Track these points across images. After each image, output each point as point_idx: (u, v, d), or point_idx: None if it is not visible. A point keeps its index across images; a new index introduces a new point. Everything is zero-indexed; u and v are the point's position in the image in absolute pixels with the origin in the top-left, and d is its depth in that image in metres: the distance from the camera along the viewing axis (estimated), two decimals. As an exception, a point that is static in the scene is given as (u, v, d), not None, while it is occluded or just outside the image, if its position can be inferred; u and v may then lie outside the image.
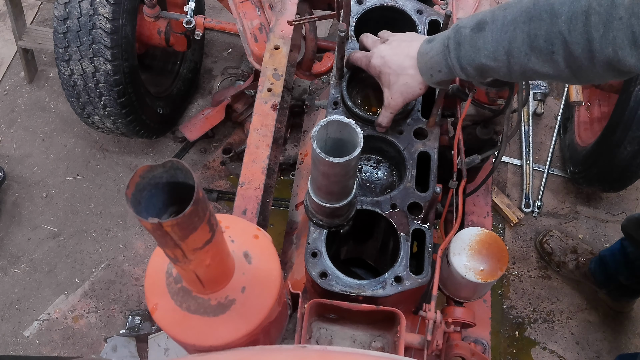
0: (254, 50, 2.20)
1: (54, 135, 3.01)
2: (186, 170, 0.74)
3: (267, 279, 1.03)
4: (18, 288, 2.62)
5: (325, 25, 3.27)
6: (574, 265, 2.55)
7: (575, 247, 2.59)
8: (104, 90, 2.34)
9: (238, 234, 1.06)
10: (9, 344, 2.49)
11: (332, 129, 1.09)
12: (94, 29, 2.24)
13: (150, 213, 0.76)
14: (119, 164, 2.92)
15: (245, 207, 1.50)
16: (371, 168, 1.48)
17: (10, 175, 2.87)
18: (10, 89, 3.16)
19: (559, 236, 2.62)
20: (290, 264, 1.57)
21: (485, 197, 1.65)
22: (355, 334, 1.28)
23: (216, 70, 3.19)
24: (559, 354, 2.47)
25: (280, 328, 1.22)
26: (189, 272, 0.89)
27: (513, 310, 2.56)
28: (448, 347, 1.25)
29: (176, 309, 0.98)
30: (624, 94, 2.23)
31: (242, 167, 1.57)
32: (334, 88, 1.48)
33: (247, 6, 2.28)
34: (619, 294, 2.46)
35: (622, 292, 2.44)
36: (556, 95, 3.10)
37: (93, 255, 2.69)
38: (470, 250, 1.27)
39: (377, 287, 1.25)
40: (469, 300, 1.40)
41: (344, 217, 1.29)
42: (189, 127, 2.82)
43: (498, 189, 2.80)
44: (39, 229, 2.75)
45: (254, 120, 1.65)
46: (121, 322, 2.51)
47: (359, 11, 1.62)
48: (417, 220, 1.32)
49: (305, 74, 2.37)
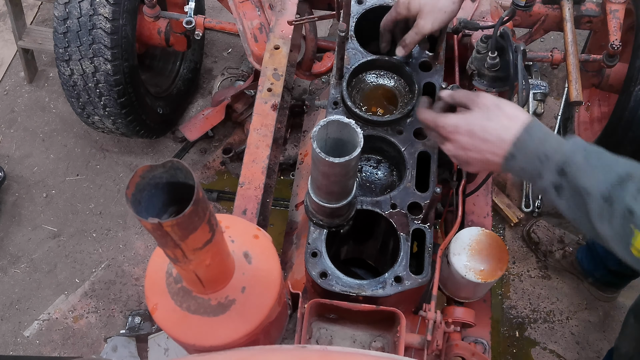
0: (254, 50, 2.20)
1: (54, 135, 3.01)
2: (186, 170, 0.74)
3: (267, 279, 1.03)
4: (18, 288, 2.62)
5: (325, 25, 3.27)
6: (561, 255, 2.57)
7: (562, 237, 2.60)
8: (104, 90, 2.34)
9: (238, 234, 1.06)
10: (9, 344, 2.49)
11: (332, 129, 1.09)
12: (94, 29, 2.24)
13: (150, 213, 0.76)
14: (119, 164, 2.92)
15: (245, 207, 1.50)
16: (371, 168, 1.49)
17: (10, 175, 2.87)
18: (10, 89, 3.15)
19: (546, 226, 2.64)
20: (290, 264, 1.57)
21: (485, 197, 1.65)
22: (355, 334, 1.28)
23: (216, 70, 3.19)
24: (559, 354, 2.47)
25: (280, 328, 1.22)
26: (189, 272, 0.89)
27: (513, 310, 2.56)
28: (448, 347, 1.25)
29: (176, 309, 0.99)
30: (624, 94, 2.23)
31: (242, 167, 1.57)
32: (334, 88, 1.48)
33: (247, 6, 2.28)
34: (605, 282, 2.47)
35: (608, 281, 2.45)
36: (556, 95, 3.10)
37: (93, 255, 2.69)
38: (470, 250, 1.28)
39: (377, 287, 1.25)
40: (469, 300, 1.40)
41: (344, 217, 1.29)
42: (189, 127, 2.82)
43: (498, 189, 2.80)
44: (39, 229, 2.75)
45: (254, 120, 1.65)
46: (121, 322, 2.51)
47: (359, 11, 1.62)
48: (417, 220, 1.32)
49: (305, 74, 2.37)
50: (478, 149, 1.13)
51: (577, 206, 1.02)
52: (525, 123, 1.09)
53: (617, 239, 0.99)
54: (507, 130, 1.10)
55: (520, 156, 1.08)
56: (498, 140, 1.10)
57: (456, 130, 1.16)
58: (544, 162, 1.05)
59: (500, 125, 1.11)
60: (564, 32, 2.20)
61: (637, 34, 2.19)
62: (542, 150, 1.05)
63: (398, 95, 1.52)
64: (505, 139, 1.09)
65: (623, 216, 0.97)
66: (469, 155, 1.15)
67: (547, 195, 1.07)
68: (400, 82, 1.53)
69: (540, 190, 1.08)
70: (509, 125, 1.10)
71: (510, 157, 1.09)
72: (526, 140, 1.08)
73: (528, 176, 1.09)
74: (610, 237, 1.00)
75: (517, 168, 1.10)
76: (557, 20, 2.30)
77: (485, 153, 1.12)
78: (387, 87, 1.53)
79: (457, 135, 1.15)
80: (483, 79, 1.41)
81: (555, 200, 1.05)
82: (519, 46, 1.33)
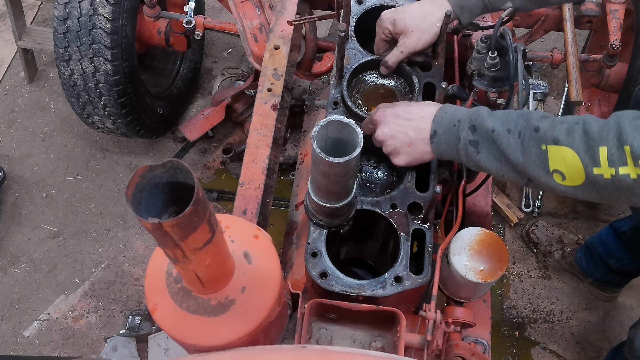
0: (254, 50, 2.20)
1: (54, 135, 3.01)
2: (186, 170, 0.74)
3: (267, 279, 1.03)
4: (18, 288, 2.61)
5: (325, 25, 3.27)
6: (560, 255, 2.58)
7: (561, 237, 2.61)
8: (104, 90, 2.34)
9: (238, 234, 1.06)
10: (9, 344, 2.49)
11: (332, 129, 1.09)
12: (94, 29, 2.24)
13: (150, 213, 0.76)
14: (119, 164, 2.92)
15: (245, 207, 1.50)
16: (371, 168, 1.49)
17: (10, 175, 2.87)
18: (10, 89, 3.15)
19: (545, 226, 2.65)
20: (290, 264, 1.57)
21: (485, 197, 1.65)
22: (355, 334, 1.28)
23: (216, 70, 3.19)
24: (559, 354, 2.47)
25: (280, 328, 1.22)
26: (189, 272, 0.89)
27: (513, 310, 2.56)
28: (448, 347, 1.25)
29: (176, 309, 0.99)
30: (624, 94, 2.23)
31: (242, 167, 1.57)
32: (334, 88, 1.48)
33: (247, 6, 2.28)
34: (605, 282, 2.47)
35: (608, 281, 2.45)
36: (556, 96, 3.10)
37: (93, 255, 2.69)
38: (470, 250, 1.27)
39: (377, 287, 1.25)
40: (469, 300, 1.40)
41: (344, 217, 1.29)
42: (189, 127, 2.82)
43: (498, 189, 2.80)
44: (39, 229, 2.75)
45: (254, 120, 1.65)
46: (121, 322, 2.51)
47: (359, 11, 1.62)
48: (417, 220, 1.32)
49: (305, 74, 2.37)
50: (403, 129, 1.26)
51: (492, 150, 1.14)
52: (439, 106, 1.27)
53: (533, 164, 1.08)
54: (425, 110, 1.26)
55: (440, 130, 1.22)
56: (419, 118, 1.25)
57: (383, 114, 1.30)
58: (457, 126, 1.19)
59: (419, 108, 1.28)
60: (564, 32, 2.20)
61: (637, 34, 2.19)
62: (455, 117, 1.21)
63: (398, 95, 1.52)
64: (424, 116, 1.25)
65: (531, 137, 1.08)
66: (396, 138, 1.27)
67: (470, 157, 1.18)
68: (400, 82, 1.53)
69: (464, 156, 1.19)
70: (425, 109, 1.27)
71: (434, 134, 1.23)
72: (442, 115, 1.24)
73: (452, 147, 1.21)
74: (529, 166, 1.08)
75: (442, 143, 1.22)
76: (557, 20, 2.30)
77: (409, 131, 1.26)
78: (387, 87, 1.53)
79: (385, 118, 1.29)
80: (483, 79, 1.42)
81: (475, 157, 1.16)
82: (519, 46, 1.33)
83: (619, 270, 2.35)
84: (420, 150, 1.26)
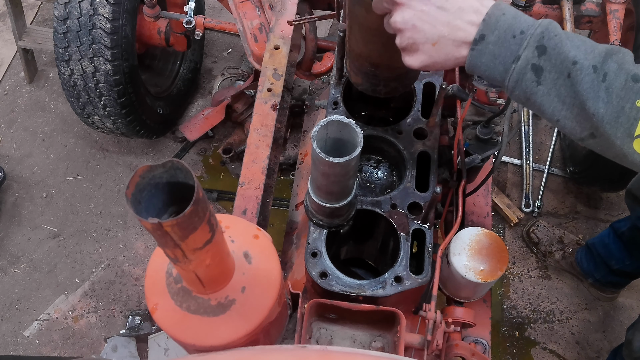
0: (254, 50, 2.20)
1: (54, 135, 3.01)
2: (186, 170, 0.74)
3: (267, 279, 1.03)
4: (18, 288, 2.62)
5: (325, 25, 3.27)
6: (560, 255, 2.58)
7: (561, 237, 2.61)
8: (104, 90, 2.34)
9: (238, 234, 1.06)
10: (9, 344, 2.49)
11: (332, 129, 1.09)
12: (94, 29, 2.24)
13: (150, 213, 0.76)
14: (119, 164, 2.92)
15: (245, 207, 1.50)
16: (371, 168, 1.48)
17: (10, 175, 2.87)
18: (10, 89, 3.16)
19: (546, 226, 2.65)
20: (290, 264, 1.57)
21: (485, 197, 1.65)
22: (355, 334, 1.28)
23: (216, 70, 3.19)
24: (559, 354, 2.47)
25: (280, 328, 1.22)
26: (189, 272, 0.89)
27: (513, 310, 2.56)
28: (448, 347, 1.25)
29: (176, 309, 0.98)
30: (624, 93, 2.23)
31: (242, 167, 1.57)
32: (334, 88, 1.48)
33: (247, 6, 2.28)
34: (605, 283, 2.48)
35: (609, 281, 2.46)
36: (556, 95, 3.10)
37: (93, 255, 2.69)
38: (470, 250, 1.27)
39: (377, 287, 1.25)
40: (469, 300, 1.40)
41: (344, 217, 1.29)
42: (189, 127, 2.83)
43: (498, 189, 2.80)
44: (39, 229, 2.75)
45: (254, 120, 1.65)
46: (121, 322, 2.51)
47: (359, 11, 1.61)
48: (417, 220, 1.32)
49: (305, 74, 2.37)
50: (432, 20, 0.90)
51: (561, 87, 0.85)
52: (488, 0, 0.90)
53: (616, 122, 0.82)
54: (468, 2, 0.90)
55: (491, 37, 0.88)
56: (457, 10, 0.89)
57: None
58: (518, 40, 0.86)
59: None
60: (564, 32, 2.19)
61: (637, 34, 2.19)
62: (518, 25, 0.87)
63: (398, 95, 1.51)
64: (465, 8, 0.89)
65: (624, 87, 0.81)
66: (419, 30, 0.92)
67: (522, 85, 0.88)
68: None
69: (512, 81, 0.88)
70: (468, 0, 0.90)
71: (480, 39, 0.88)
72: (497, 16, 0.88)
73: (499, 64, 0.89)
74: (609, 121, 0.83)
75: (487, 55, 0.89)
76: (557, 20, 2.30)
77: (439, 25, 0.90)
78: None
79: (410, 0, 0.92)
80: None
81: (531, 88, 0.87)
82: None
83: (619, 271, 2.35)
84: (449, 55, 0.93)
